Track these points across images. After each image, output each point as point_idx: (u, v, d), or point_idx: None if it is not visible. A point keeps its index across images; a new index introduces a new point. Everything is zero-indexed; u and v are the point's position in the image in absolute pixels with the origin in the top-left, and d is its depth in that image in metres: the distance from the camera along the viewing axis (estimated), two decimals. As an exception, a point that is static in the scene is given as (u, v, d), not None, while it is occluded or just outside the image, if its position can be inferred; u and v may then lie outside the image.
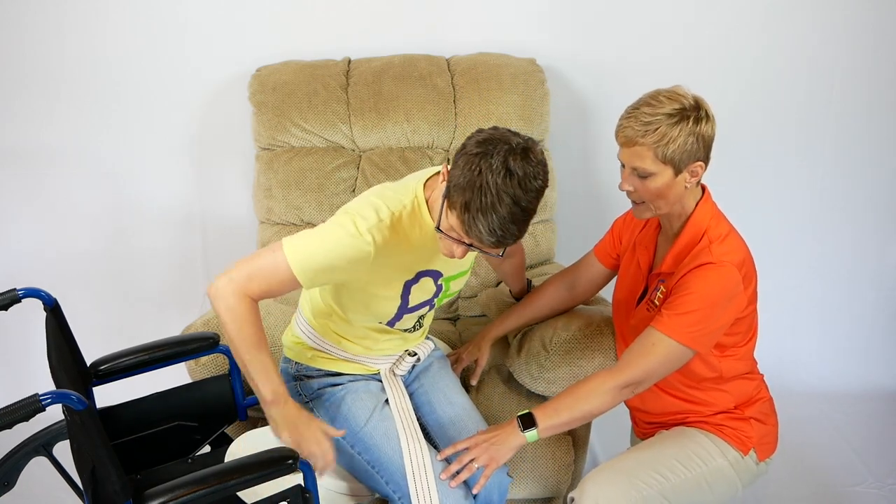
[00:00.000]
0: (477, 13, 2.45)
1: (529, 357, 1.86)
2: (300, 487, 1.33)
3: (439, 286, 1.55)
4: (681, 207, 1.55)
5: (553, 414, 1.50)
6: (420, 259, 1.48)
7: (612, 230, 1.80)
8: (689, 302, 1.47)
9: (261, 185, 2.27)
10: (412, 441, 1.52)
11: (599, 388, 1.49)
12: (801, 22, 2.49)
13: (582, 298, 1.91)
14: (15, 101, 2.44)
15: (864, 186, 2.68)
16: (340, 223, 1.39)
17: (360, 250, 1.37)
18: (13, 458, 1.50)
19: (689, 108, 1.45)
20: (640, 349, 1.49)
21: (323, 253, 1.37)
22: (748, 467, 1.62)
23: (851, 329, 2.83)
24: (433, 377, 1.72)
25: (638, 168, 1.48)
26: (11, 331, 2.58)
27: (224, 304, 1.35)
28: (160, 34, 2.40)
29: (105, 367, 1.56)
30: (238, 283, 1.35)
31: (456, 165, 1.30)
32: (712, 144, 1.50)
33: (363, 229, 1.37)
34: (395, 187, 1.48)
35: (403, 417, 1.57)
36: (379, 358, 1.65)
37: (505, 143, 1.28)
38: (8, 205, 2.54)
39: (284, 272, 1.36)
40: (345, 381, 1.62)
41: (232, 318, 1.35)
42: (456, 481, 1.48)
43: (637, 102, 1.49)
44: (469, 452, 1.50)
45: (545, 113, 2.33)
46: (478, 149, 1.27)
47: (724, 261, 1.47)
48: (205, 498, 1.24)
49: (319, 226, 1.43)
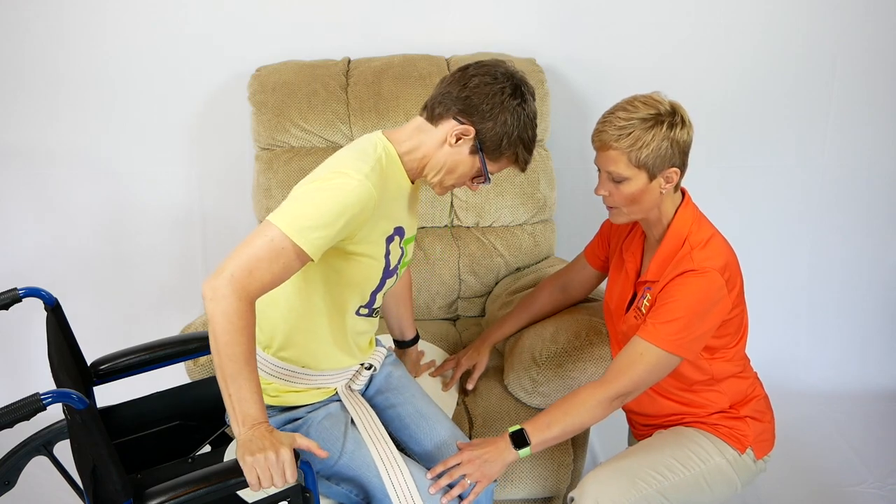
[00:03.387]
0: (477, 13, 2.46)
1: (521, 372, 1.87)
2: (300, 487, 1.33)
3: (402, 249, 1.52)
4: (659, 213, 1.56)
5: (545, 428, 1.50)
6: (396, 212, 1.46)
7: (601, 232, 1.82)
8: (673, 310, 1.48)
9: (260, 185, 2.27)
10: (391, 467, 1.45)
11: (589, 400, 1.49)
12: (801, 21, 2.49)
13: (575, 300, 1.94)
14: (15, 101, 2.44)
15: (863, 186, 2.68)
16: (330, 179, 1.32)
17: (365, 196, 1.32)
18: (14, 458, 1.50)
19: (664, 113, 1.46)
20: (627, 359, 1.50)
21: (325, 209, 1.29)
22: (746, 465, 1.62)
23: (851, 329, 2.83)
24: (405, 396, 1.65)
25: (612, 172, 1.50)
26: (12, 330, 2.58)
27: (221, 307, 1.22)
28: (160, 34, 2.41)
29: (105, 367, 1.56)
30: (239, 281, 1.23)
31: (482, 116, 1.39)
32: (689, 151, 1.51)
33: (362, 175, 1.32)
34: (355, 146, 1.43)
35: (376, 440, 1.49)
36: (336, 373, 1.57)
37: (500, 76, 1.39)
38: (8, 204, 2.54)
39: (287, 250, 1.26)
40: (303, 414, 1.53)
41: (228, 325, 1.22)
42: (448, 497, 1.46)
43: (613, 108, 1.50)
44: (460, 468, 1.48)
45: (545, 113, 2.33)
46: (496, 97, 1.38)
47: (706, 266, 1.48)
48: (205, 497, 1.24)
49: (299, 193, 1.33)
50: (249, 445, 1.22)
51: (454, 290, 2.28)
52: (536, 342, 1.88)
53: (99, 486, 1.33)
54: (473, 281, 2.28)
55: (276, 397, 1.52)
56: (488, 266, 2.28)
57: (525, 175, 2.28)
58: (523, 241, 2.31)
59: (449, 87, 1.41)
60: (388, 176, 1.41)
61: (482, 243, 2.29)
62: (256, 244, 1.26)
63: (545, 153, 2.35)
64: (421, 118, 1.46)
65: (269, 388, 1.52)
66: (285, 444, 1.24)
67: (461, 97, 1.40)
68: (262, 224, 1.29)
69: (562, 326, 1.88)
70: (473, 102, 1.39)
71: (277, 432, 1.26)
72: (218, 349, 1.23)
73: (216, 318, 1.22)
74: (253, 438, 1.23)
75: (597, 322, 1.87)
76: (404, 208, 1.49)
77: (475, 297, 2.31)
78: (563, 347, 1.84)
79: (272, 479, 1.23)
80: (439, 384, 1.90)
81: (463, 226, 2.33)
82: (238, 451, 1.24)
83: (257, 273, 1.25)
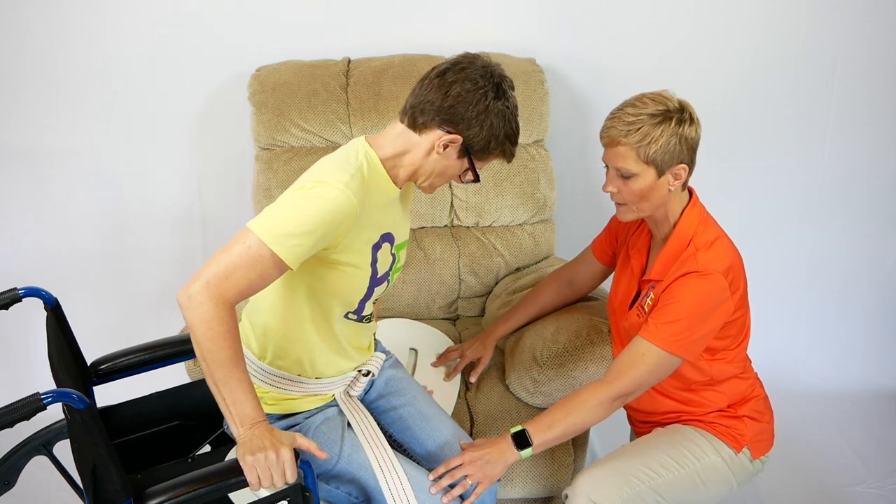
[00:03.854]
0: (477, 13, 2.45)
1: (522, 372, 1.87)
2: (300, 487, 1.33)
3: (393, 255, 1.50)
4: (666, 212, 1.56)
5: (546, 429, 1.50)
6: (382, 219, 1.45)
7: (609, 227, 1.82)
8: (675, 311, 1.48)
9: (260, 185, 2.27)
10: (388, 470, 1.44)
11: (590, 400, 1.49)
12: (801, 21, 2.49)
13: (582, 293, 1.94)
14: (15, 102, 2.44)
15: (863, 186, 2.68)
16: (310, 188, 1.30)
17: (345, 205, 1.30)
18: (14, 458, 1.50)
19: (673, 110, 1.47)
20: (628, 359, 1.50)
21: (304, 217, 1.27)
22: (742, 465, 1.62)
23: (851, 329, 2.84)
24: (406, 398, 1.64)
25: (621, 168, 1.50)
26: (12, 330, 2.58)
27: (199, 314, 1.20)
28: (160, 34, 2.41)
29: (105, 367, 1.56)
30: (215, 287, 1.21)
31: (468, 124, 1.37)
32: (697, 148, 1.52)
33: (342, 184, 1.30)
34: (337, 155, 1.42)
35: (373, 444, 1.48)
36: (332, 381, 1.54)
37: (479, 80, 1.37)
38: (8, 204, 2.54)
39: (265, 258, 1.25)
40: (300, 420, 1.51)
41: (209, 331, 1.20)
42: (449, 497, 1.45)
43: (622, 104, 1.51)
44: (462, 469, 1.47)
45: (545, 113, 2.33)
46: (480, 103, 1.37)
47: (710, 269, 1.48)
48: (205, 497, 1.24)
49: (279, 201, 1.32)
50: (249, 445, 1.22)
51: (454, 289, 2.28)
52: (537, 342, 1.88)
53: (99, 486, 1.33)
54: (473, 281, 2.28)
55: (274, 405, 1.51)
56: (488, 266, 2.28)
57: (525, 175, 2.28)
58: (523, 241, 2.31)
59: (430, 95, 1.39)
60: (370, 184, 1.39)
61: (482, 243, 2.29)
62: (234, 251, 1.25)
63: (545, 153, 2.35)
64: (402, 125, 1.43)
65: (267, 397, 1.50)
66: (285, 443, 1.24)
67: (445, 107, 1.38)
68: (241, 231, 1.28)
69: (563, 326, 1.88)
70: (459, 112, 1.37)
71: (277, 431, 1.26)
72: (203, 356, 1.21)
73: (196, 326, 1.21)
74: (253, 437, 1.23)
75: (598, 321, 1.87)
76: (393, 214, 1.48)
77: (475, 296, 2.31)
78: (564, 347, 1.83)
79: (272, 478, 1.23)
80: (441, 374, 1.91)
81: (463, 226, 2.33)
82: (238, 451, 1.24)
83: (233, 279, 1.23)
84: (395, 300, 2.24)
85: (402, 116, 1.44)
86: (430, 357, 1.95)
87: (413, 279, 2.24)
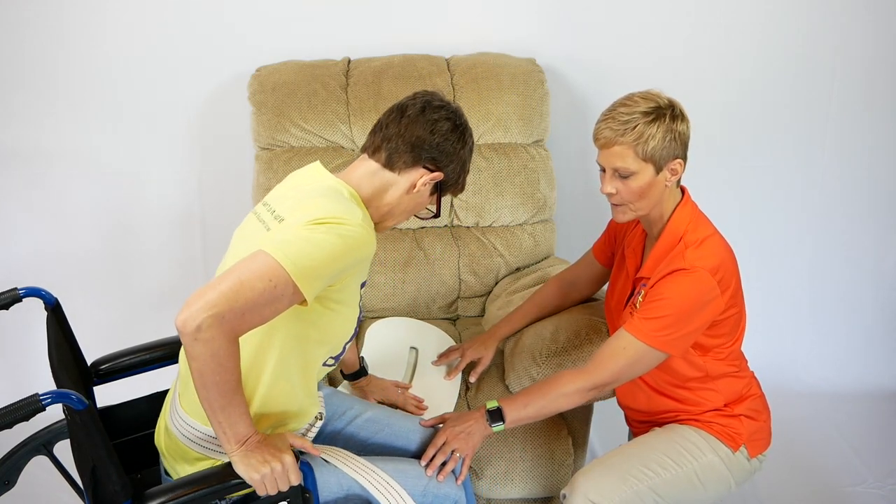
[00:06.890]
0: (477, 13, 2.45)
1: (522, 372, 1.88)
2: (300, 487, 1.33)
3: (361, 296, 1.46)
4: (660, 210, 1.57)
5: (521, 408, 1.55)
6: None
7: (608, 229, 1.83)
8: (661, 307, 1.49)
9: (260, 185, 2.27)
10: (379, 485, 1.41)
11: (567, 387, 1.53)
12: (801, 22, 2.49)
13: (584, 296, 1.96)
14: (15, 101, 2.44)
15: (863, 186, 2.69)
16: (335, 226, 1.25)
17: (369, 246, 1.29)
18: (13, 458, 1.50)
19: (664, 106, 1.49)
20: (609, 351, 1.53)
21: (334, 257, 1.23)
22: (739, 463, 1.63)
23: (851, 329, 2.84)
24: (354, 407, 1.62)
25: (619, 168, 1.50)
26: (12, 330, 2.58)
27: (209, 349, 1.12)
28: (160, 34, 2.41)
29: (105, 367, 1.56)
30: (230, 322, 1.13)
31: (449, 160, 1.40)
32: (688, 144, 1.53)
33: (363, 224, 1.28)
34: (322, 191, 1.35)
35: (343, 460, 1.43)
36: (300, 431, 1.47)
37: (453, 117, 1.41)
38: (8, 204, 2.54)
39: (287, 296, 1.19)
40: None
41: (217, 366, 1.14)
42: (443, 474, 1.49)
43: (612, 105, 1.52)
44: (449, 444, 1.52)
45: (545, 113, 2.34)
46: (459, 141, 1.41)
47: (697, 266, 1.49)
48: (205, 498, 1.25)
49: (306, 234, 1.23)
50: (251, 461, 1.23)
51: (454, 290, 2.28)
52: (536, 342, 1.88)
53: (99, 486, 1.33)
54: (473, 281, 2.28)
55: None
56: (488, 266, 2.28)
57: (525, 175, 2.28)
58: (523, 241, 2.31)
59: (418, 132, 1.37)
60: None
61: (482, 243, 2.29)
62: (257, 287, 1.15)
63: (545, 153, 2.35)
64: (375, 163, 1.40)
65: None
66: (283, 449, 1.26)
67: (434, 145, 1.38)
68: (265, 261, 1.18)
69: (562, 326, 1.88)
70: (446, 150, 1.40)
71: (269, 438, 1.27)
72: (205, 383, 1.17)
73: (204, 359, 1.14)
74: (251, 454, 1.24)
75: (597, 321, 1.87)
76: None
77: (475, 297, 2.31)
78: (563, 346, 1.84)
79: (278, 486, 1.25)
80: (442, 373, 1.91)
81: (463, 226, 2.33)
82: (241, 470, 1.24)
83: (249, 315, 1.16)
84: (395, 300, 2.24)
85: (371, 152, 1.42)
86: (431, 356, 1.95)
87: (413, 279, 2.24)
